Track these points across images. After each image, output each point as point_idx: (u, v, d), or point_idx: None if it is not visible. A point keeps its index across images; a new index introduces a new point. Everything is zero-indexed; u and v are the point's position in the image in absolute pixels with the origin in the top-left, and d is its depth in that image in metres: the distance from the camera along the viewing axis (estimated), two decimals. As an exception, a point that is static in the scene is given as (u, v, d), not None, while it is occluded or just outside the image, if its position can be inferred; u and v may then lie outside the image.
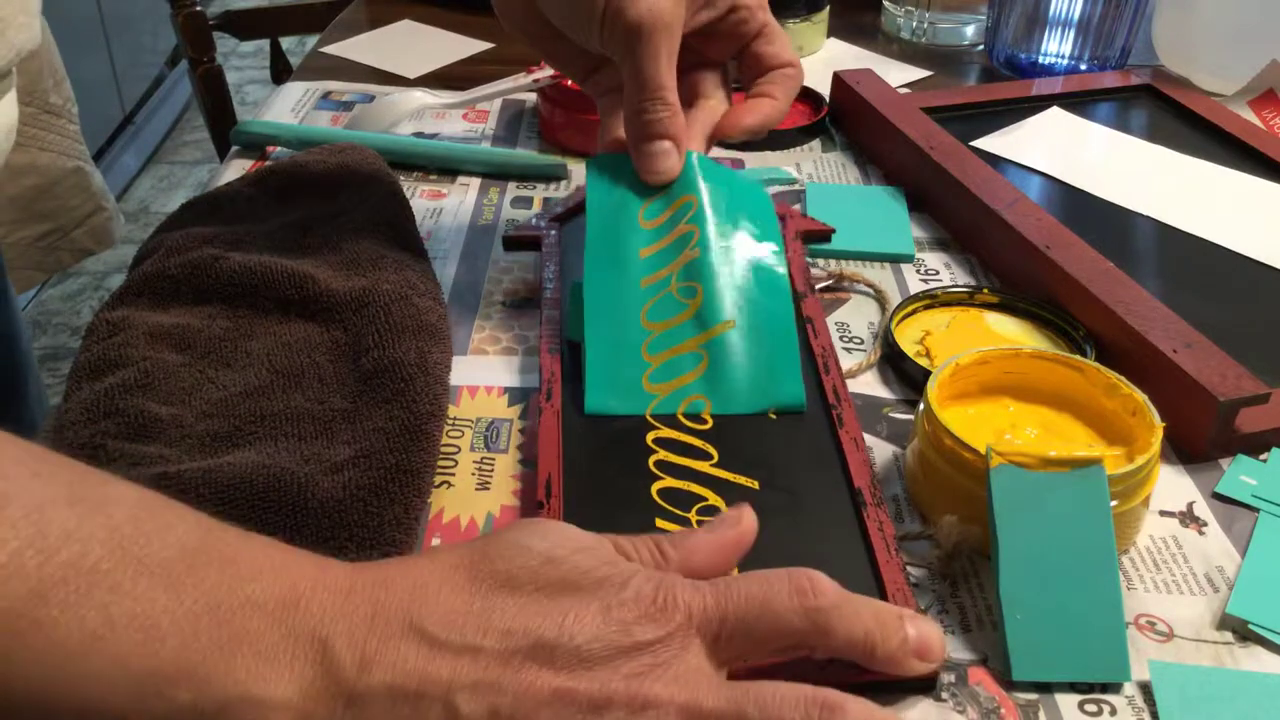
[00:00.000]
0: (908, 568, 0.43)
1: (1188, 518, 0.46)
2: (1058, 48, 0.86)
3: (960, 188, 0.64)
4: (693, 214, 0.51)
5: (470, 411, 0.51)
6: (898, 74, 0.87)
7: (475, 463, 0.48)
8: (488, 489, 0.47)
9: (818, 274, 0.61)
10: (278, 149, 0.73)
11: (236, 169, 0.71)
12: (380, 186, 0.64)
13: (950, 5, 0.94)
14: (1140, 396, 0.45)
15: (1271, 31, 0.79)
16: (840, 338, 0.57)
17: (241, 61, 2.98)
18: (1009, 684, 0.39)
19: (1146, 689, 0.38)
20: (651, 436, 0.46)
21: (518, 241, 0.59)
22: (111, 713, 0.29)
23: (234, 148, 0.75)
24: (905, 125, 0.71)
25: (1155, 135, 0.75)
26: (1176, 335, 0.51)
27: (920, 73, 0.89)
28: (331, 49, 0.92)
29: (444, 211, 0.68)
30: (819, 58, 0.92)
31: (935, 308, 0.58)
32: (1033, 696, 0.38)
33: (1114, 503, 0.41)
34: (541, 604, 0.33)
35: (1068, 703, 0.38)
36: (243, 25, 1.38)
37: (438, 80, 0.86)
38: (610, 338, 0.49)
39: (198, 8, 1.28)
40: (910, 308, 0.57)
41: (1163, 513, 0.47)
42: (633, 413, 0.48)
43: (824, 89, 0.80)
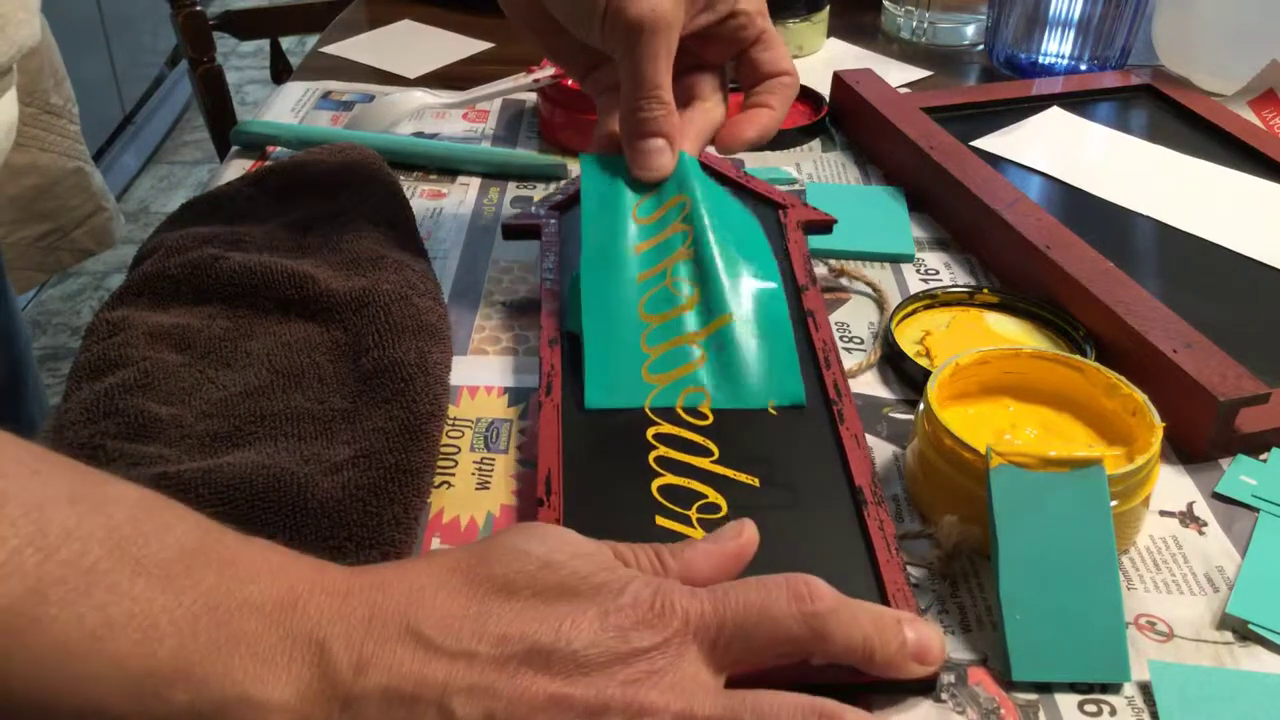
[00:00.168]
0: (908, 567, 0.43)
1: (1188, 518, 0.46)
2: (1058, 48, 0.86)
3: (960, 188, 0.64)
4: (685, 214, 0.52)
5: (470, 411, 0.51)
6: (898, 74, 0.87)
7: (475, 463, 0.48)
8: (488, 489, 0.47)
9: (819, 272, 0.61)
10: (278, 149, 0.73)
11: (236, 169, 0.71)
12: (380, 186, 0.64)
13: (950, 5, 0.94)
14: (1140, 396, 0.45)
15: (1271, 31, 0.79)
16: (840, 338, 0.57)
17: (241, 61, 2.98)
18: (1009, 684, 0.38)
19: (1146, 689, 0.38)
20: (652, 433, 0.46)
21: (517, 230, 0.59)
22: (109, 713, 0.29)
23: (234, 148, 0.75)
24: (905, 125, 0.71)
25: (1155, 135, 0.75)
26: (1176, 335, 0.51)
27: (920, 73, 0.89)
28: (331, 49, 0.92)
29: (444, 211, 0.68)
30: (819, 58, 0.92)
31: (935, 308, 0.58)
32: (1033, 697, 0.38)
33: (1114, 503, 0.41)
34: (538, 609, 0.33)
35: (1068, 703, 0.38)
36: (243, 25, 1.38)
37: (438, 80, 0.86)
38: (609, 328, 0.50)
39: (198, 8, 1.28)
40: (910, 308, 0.57)
41: (1163, 513, 0.47)
42: (632, 404, 0.48)
43: (824, 89, 0.80)
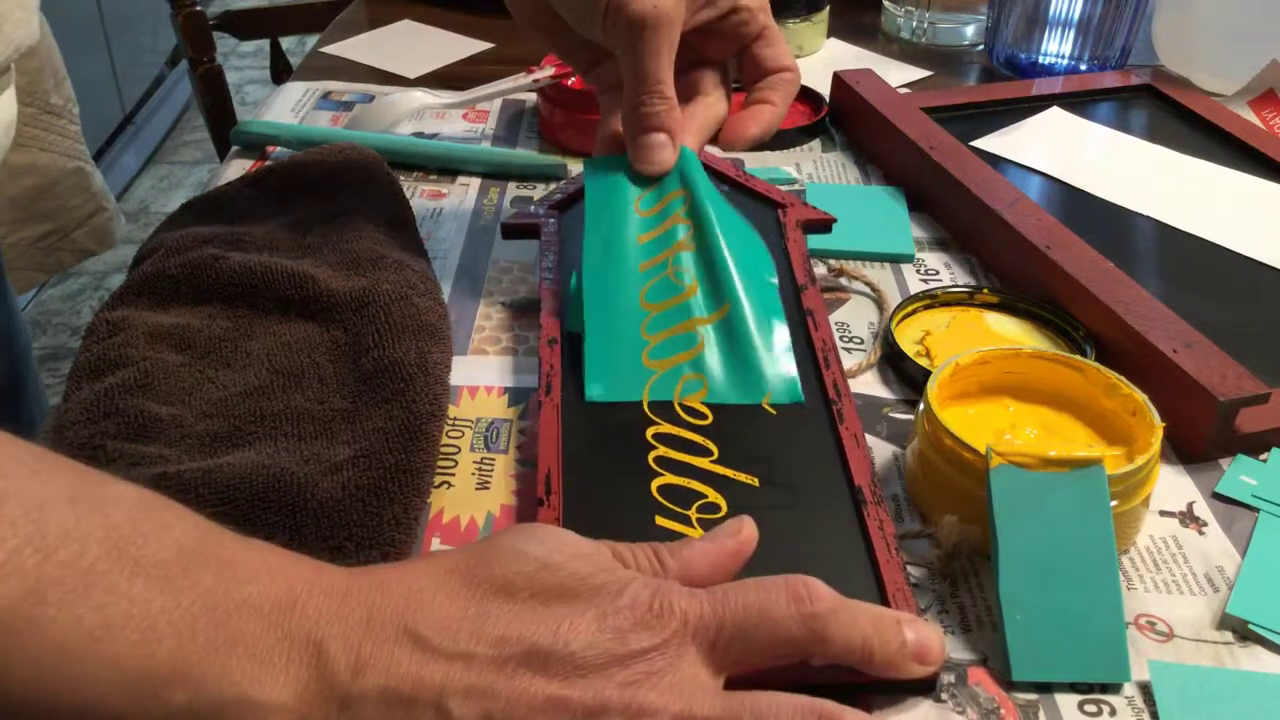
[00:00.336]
0: (908, 567, 0.43)
1: (1188, 518, 0.46)
2: (1058, 48, 0.86)
3: (960, 188, 0.64)
4: (686, 209, 0.52)
5: (470, 411, 0.51)
6: (898, 74, 0.87)
7: (475, 463, 0.48)
8: (487, 489, 0.47)
9: (818, 272, 0.60)
10: (278, 149, 0.73)
11: (236, 169, 0.71)
12: (380, 186, 0.64)
13: (950, 5, 0.94)
14: (1140, 396, 0.45)
15: (1271, 31, 0.79)
16: (840, 338, 0.57)
17: (241, 61, 2.98)
18: (1009, 684, 0.38)
19: (1146, 689, 0.38)
20: (651, 432, 0.46)
21: (516, 229, 0.59)
22: (108, 714, 0.29)
23: (234, 148, 0.75)
24: (905, 125, 0.71)
25: (1155, 135, 0.75)
26: (1176, 335, 0.51)
27: (920, 73, 0.89)
28: (331, 49, 0.92)
29: (444, 211, 0.68)
30: (819, 58, 0.92)
31: (935, 308, 0.58)
32: (1033, 697, 0.38)
33: (1114, 503, 0.41)
34: (536, 610, 0.33)
35: (1068, 703, 0.38)
36: (243, 25, 1.38)
37: (438, 80, 0.86)
38: (610, 315, 0.50)
39: (198, 8, 1.28)
40: (910, 308, 0.57)
41: (1163, 513, 0.46)
42: (631, 392, 0.48)
43: (824, 89, 0.80)
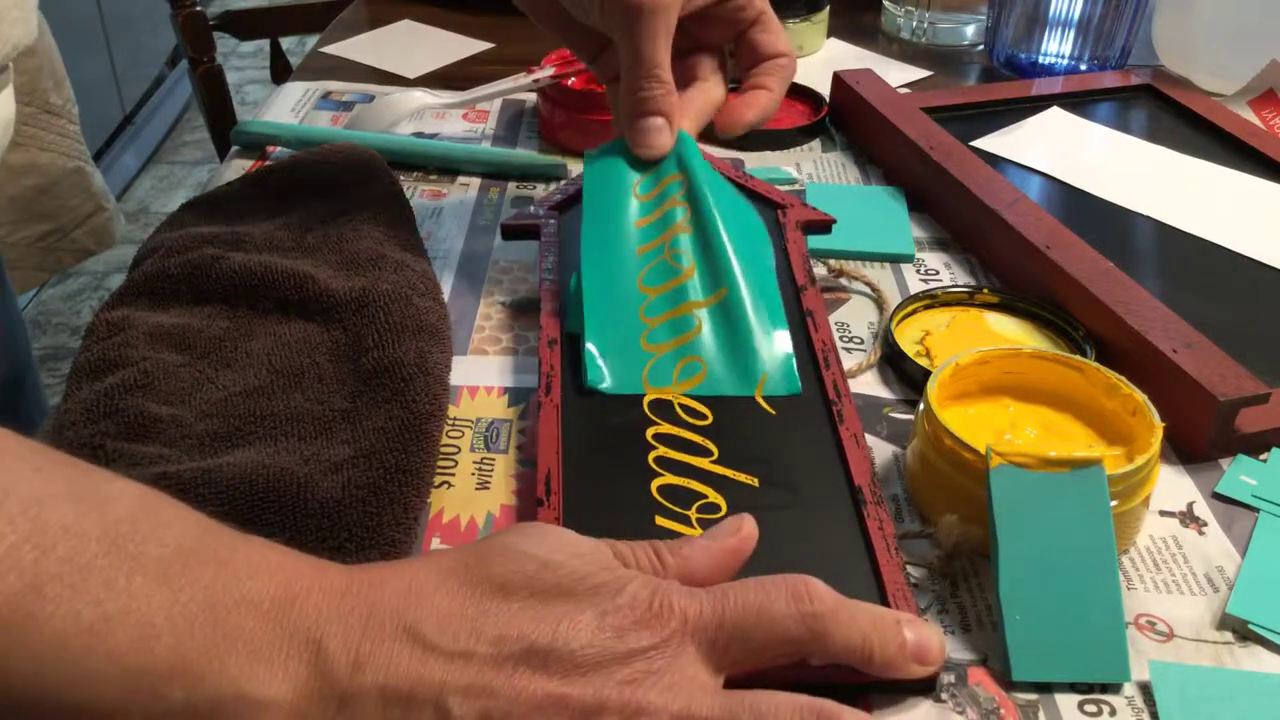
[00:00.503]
0: (908, 567, 0.43)
1: (1188, 518, 0.46)
2: (1058, 48, 0.86)
3: (960, 188, 0.64)
4: (683, 192, 0.53)
5: (470, 411, 0.51)
6: (898, 74, 0.87)
7: (475, 463, 0.48)
8: (487, 489, 0.47)
9: (818, 272, 0.60)
10: (278, 149, 0.73)
11: (236, 169, 0.71)
12: (380, 186, 0.64)
13: (950, 5, 0.94)
14: (1140, 396, 0.45)
15: (1271, 31, 0.79)
16: (840, 338, 0.57)
17: (241, 61, 2.98)
18: (1009, 684, 0.38)
19: (1146, 689, 0.38)
20: (651, 432, 0.46)
21: (516, 230, 0.59)
22: (105, 709, 0.29)
23: (234, 148, 0.75)
24: (905, 125, 0.71)
25: (1155, 135, 0.75)
26: (1176, 335, 0.51)
27: (920, 73, 0.89)
28: (331, 49, 0.92)
29: (444, 211, 0.68)
30: (819, 58, 0.92)
31: (935, 308, 0.58)
32: (1033, 697, 0.38)
33: (1114, 503, 0.41)
34: (536, 609, 0.33)
35: (1068, 703, 0.38)
36: (243, 25, 1.38)
37: (438, 80, 0.86)
38: (608, 299, 0.51)
39: (198, 8, 1.28)
40: (910, 308, 0.57)
41: (1163, 513, 0.46)
42: (630, 376, 0.48)
43: (824, 89, 0.80)
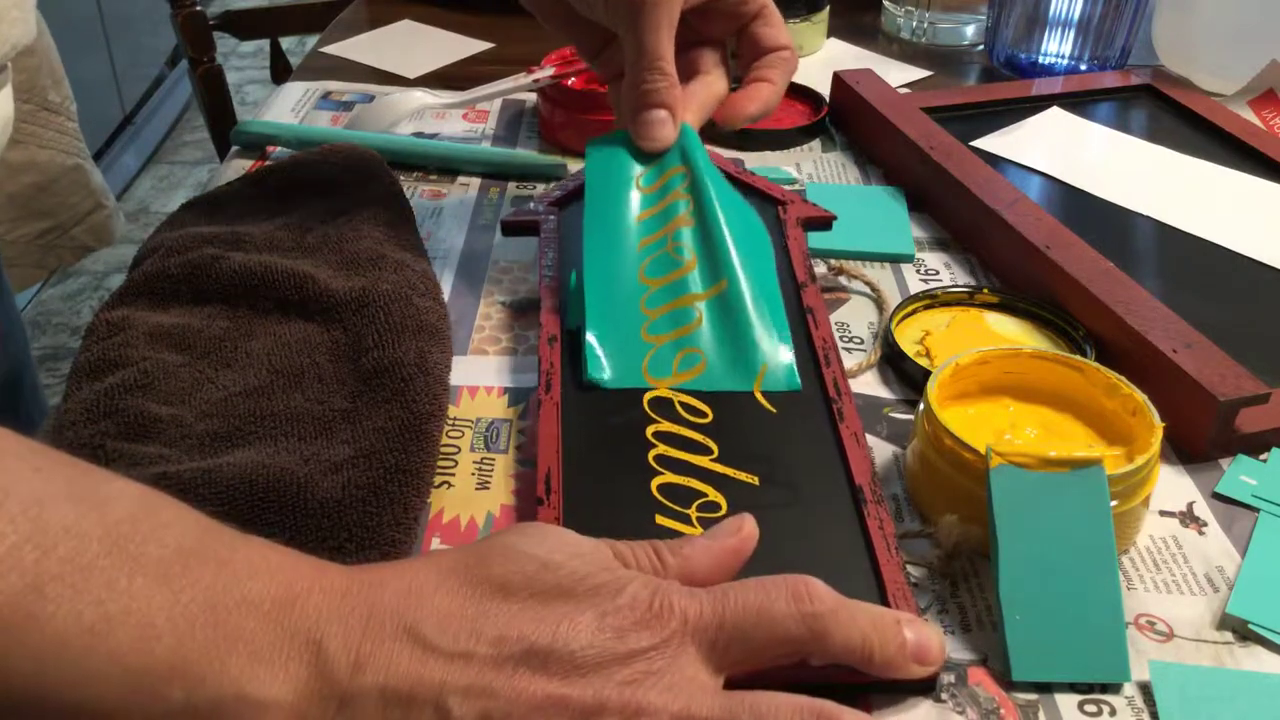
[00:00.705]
0: (908, 567, 0.43)
1: (1188, 518, 0.46)
2: (1058, 48, 0.86)
3: (960, 188, 0.64)
4: (686, 185, 0.53)
5: (470, 411, 0.51)
6: (898, 74, 0.87)
7: (475, 463, 0.48)
8: (487, 489, 0.47)
9: (818, 271, 0.60)
10: (278, 149, 0.73)
11: (236, 169, 0.71)
12: (380, 186, 0.64)
13: (950, 5, 0.94)
14: (1140, 396, 0.45)
15: (1271, 31, 0.79)
16: (840, 337, 0.57)
17: (241, 61, 2.98)
18: (1009, 684, 0.38)
19: (1146, 689, 0.38)
20: (651, 431, 0.46)
21: (515, 226, 0.59)
22: (106, 710, 0.29)
23: (234, 148, 0.75)
24: (905, 125, 0.71)
25: (1155, 135, 0.75)
26: (1176, 335, 0.51)
27: (920, 73, 0.89)
28: (331, 49, 0.92)
29: (444, 211, 0.68)
30: (819, 58, 0.92)
31: (935, 308, 0.58)
32: (1033, 697, 0.38)
33: (1114, 503, 0.41)
34: (536, 610, 0.33)
35: (1067, 703, 0.38)
36: (243, 25, 1.38)
37: (438, 80, 0.86)
38: (610, 290, 0.51)
39: (198, 8, 1.28)
40: (910, 308, 0.57)
41: (1163, 513, 0.46)
42: (631, 367, 0.49)
43: (824, 89, 0.80)
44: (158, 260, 0.56)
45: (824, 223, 0.60)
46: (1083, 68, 0.86)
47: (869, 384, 0.54)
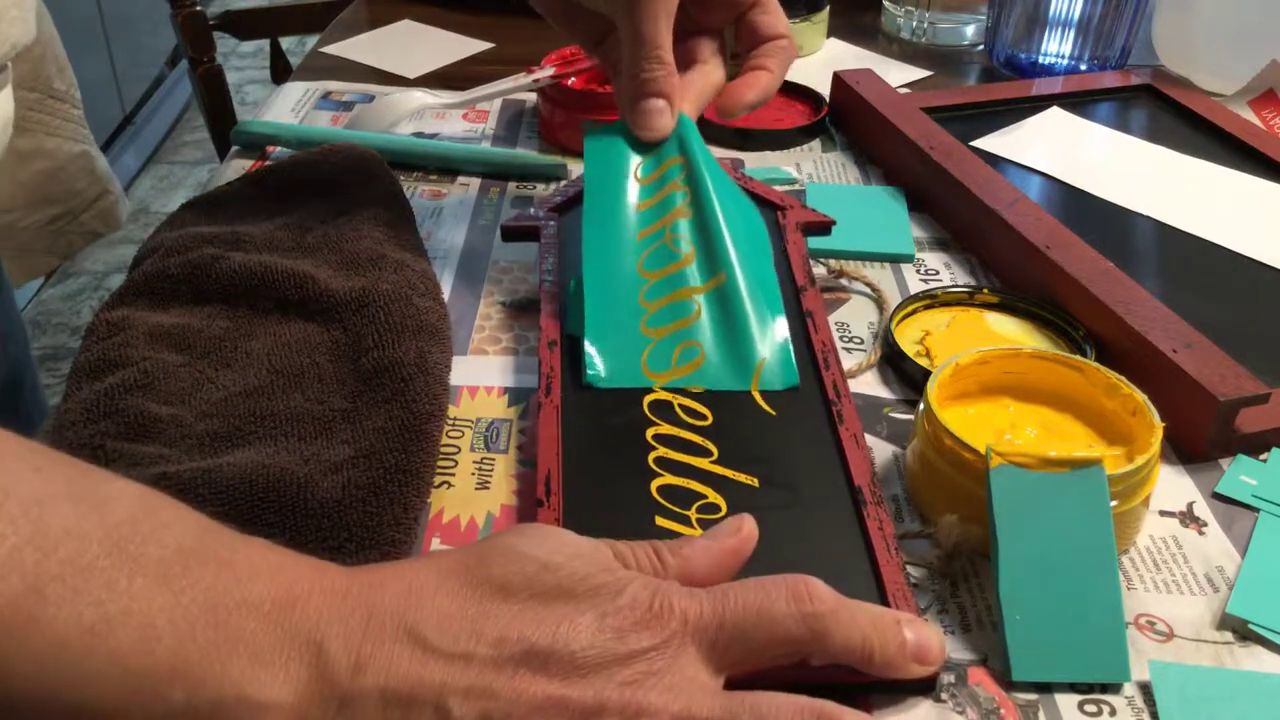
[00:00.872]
0: (907, 567, 0.43)
1: (1188, 518, 0.46)
2: (1058, 48, 0.86)
3: (960, 188, 0.64)
4: (683, 176, 0.53)
5: (470, 411, 0.51)
6: (898, 74, 0.87)
7: (475, 463, 0.48)
8: (487, 489, 0.47)
9: (818, 272, 0.61)
10: (278, 149, 0.73)
11: (236, 169, 0.71)
12: (380, 186, 0.64)
13: (950, 5, 0.94)
14: (1140, 396, 0.45)
15: (1271, 31, 0.79)
16: (840, 338, 0.57)
17: (241, 61, 2.98)
18: (1009, 684, 0.38)
19: (1146, 689, 0.38)
20: (651, 433, 0.46)
21: (515, 232, 0.59)
22: (106, 712, 0.29)
23: (234, 148, 0.75)
24: (905, 125, 0.71)
25: (1155, 135, 0.75)
26: (1176, 335, 0.51)
27: (920, 73, 0.89)
28: (331, 49, 0.92)
29: (444, 211, 0.68)
30: (819, 58, 0.92)
31: (935, 308, 0.58)
32: (1032, 697, 0.38)
33: (1114, 503, 0.41)
34: (536, 611, 0.33)
35: (1067, 703, 0.38)
36: (243, 25, 1.38)
37: (438, 80, 0.86)
38: (608, 283, 0.51)
39: (198, 8, 1.28)
40: (910, 308, 0.57)
41: (1163, 513, 0.46)
42: (630, 362, 0.49)
43: (824, 89, 0.80)
44: (158, 260, 0.56)
45: (823, 228, 0.60)
46: (1083, 68, 0.86)
47: (869, 384, 0.54)
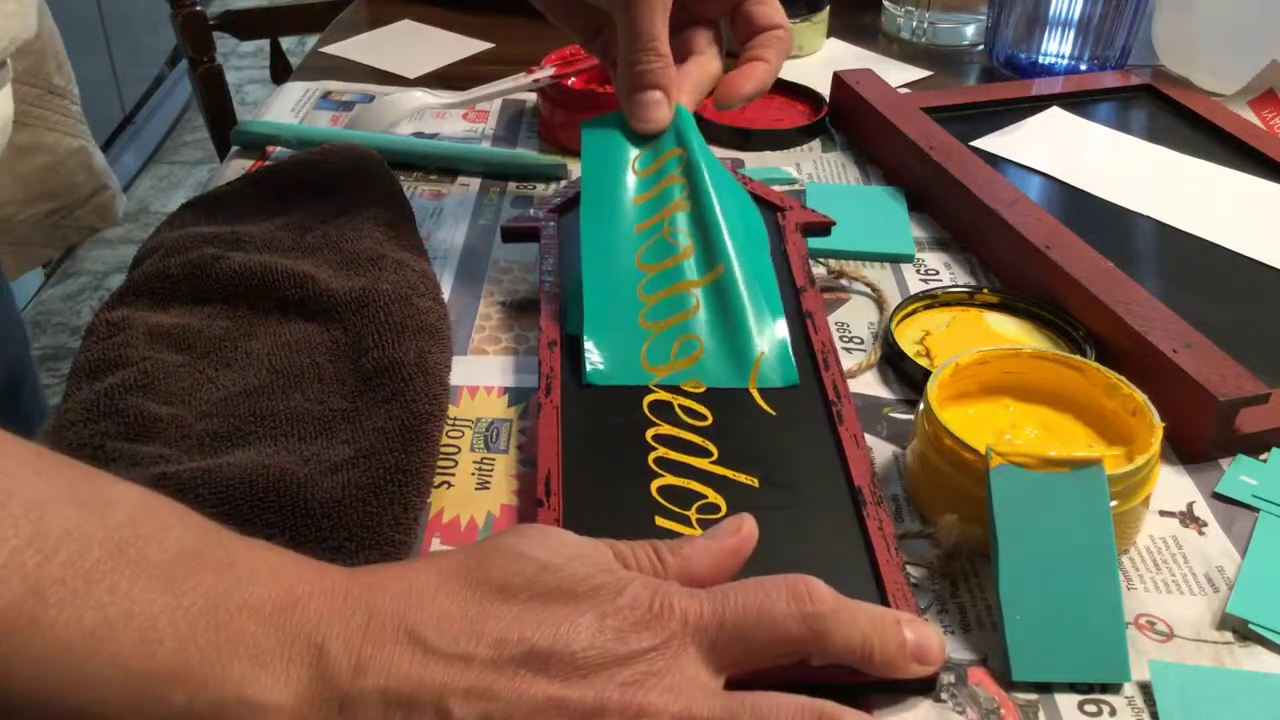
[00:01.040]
0: (907, 567, 0.43)
1: (1188, 518, 0.46)
2: (1058, 48, 0.86)
3: (960, 188, 0.64)
4: (681, 168, 0.53)
5: (470, 411, 0.51)
6: (898, 74, 0.87)
7: (475, 463, 0.48)
8: (487, 489, 0.47)
9: (818, 273, 0.61)
10: (278, 149, 0.73)
11: (236, 169, 0.71)
12: (380, 186, 0.64)
13: (950, 5, 0.94)
14: (1140, 396, 0.45)
15: (1271, 31, 0.79)
16: (840, 338, 0.57)
17: (241, 61, 2.98)
18: (1009, 684, 0.38)
19: (1146, 689, 0.38)
20: (651, 433, 0.46)
21: (515, 233, 0.59)
22: (108, 714, 0.29)
23: (234, 148, 0.75)
24: (905, 125, 0.71)
25: (1155, 135, 0.75)
26: (1176, 335, 0.51)
27: (920, 73, 0.89)
28: (331, 49, 0.92)
29: (444, 211, 0.68)
30: (819, 58, 0.92)
31: (935, 308, 0.58)
32: (1032, 697, 0.38)
33: (1114, 503, 0.41)
34: (536, 612, 0.33)
35: (1067, 703, 0.38)
36: (243, 25, 1.38)
37: (438, 80, 0.86)
38: (607, 276, 0.51)
39: (198, 8, 1.28)
40: (910, 308, 0.57)
41: (1163, 513, 0.46)
42: (630, 358, 0.49)
43: (824, 89, 0.80)
44: (158, 260, 0.56)
45: (823, 228, 0.60)
46: (1083, 68, 0.86)
47: (869, 384, 0.54)
